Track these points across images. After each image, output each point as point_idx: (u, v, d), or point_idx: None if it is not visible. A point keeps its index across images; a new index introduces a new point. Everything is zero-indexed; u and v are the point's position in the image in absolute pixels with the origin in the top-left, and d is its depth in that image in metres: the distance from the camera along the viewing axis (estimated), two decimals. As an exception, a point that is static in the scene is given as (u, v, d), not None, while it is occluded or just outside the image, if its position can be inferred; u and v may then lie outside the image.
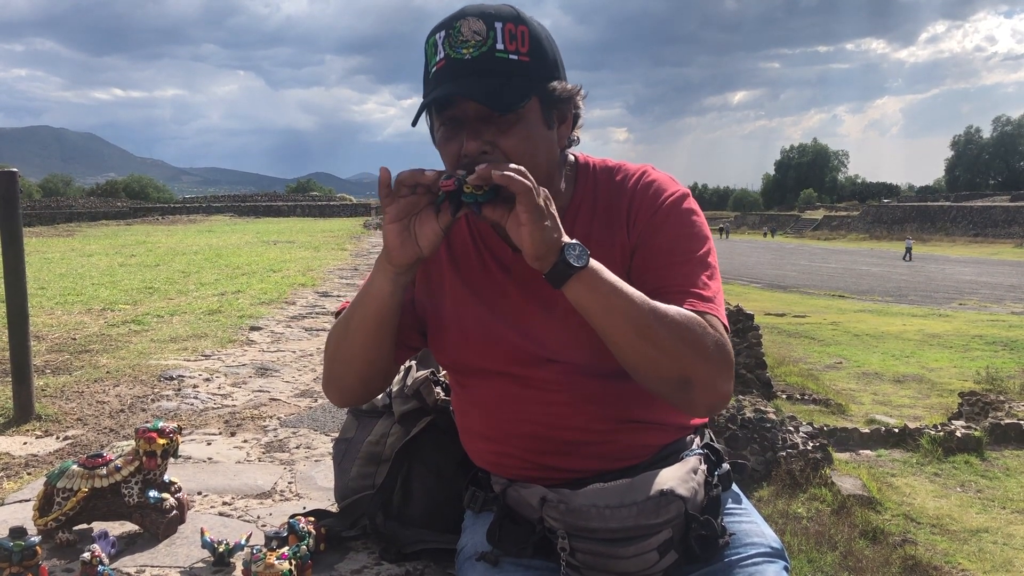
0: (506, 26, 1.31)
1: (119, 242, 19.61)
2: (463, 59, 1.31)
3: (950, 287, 32.41)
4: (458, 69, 1.31)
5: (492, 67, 1.31)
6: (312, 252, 16.21)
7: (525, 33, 1.33)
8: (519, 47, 1.32)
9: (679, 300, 1.34)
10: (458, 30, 1.31)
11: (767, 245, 68.31)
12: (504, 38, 1.31)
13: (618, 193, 1.48)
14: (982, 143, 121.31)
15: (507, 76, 1.32)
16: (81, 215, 41.51)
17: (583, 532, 1.37)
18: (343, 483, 2.06)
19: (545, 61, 1.36)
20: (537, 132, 1.37)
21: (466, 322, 1.51)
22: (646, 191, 1.46)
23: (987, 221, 66.32)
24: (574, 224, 1.45)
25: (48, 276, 10.53)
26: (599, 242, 1.43)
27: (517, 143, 1.34)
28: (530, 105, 1.34)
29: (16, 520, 2.11)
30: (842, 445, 11.92)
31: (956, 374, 16.50)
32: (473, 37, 1.31)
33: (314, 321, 6.75)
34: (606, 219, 1.46)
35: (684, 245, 1.42)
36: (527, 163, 1.26)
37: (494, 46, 1.31)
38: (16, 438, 3.31)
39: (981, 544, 8.95)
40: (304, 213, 48.61)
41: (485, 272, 1.51)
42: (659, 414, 1.50)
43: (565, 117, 1.42)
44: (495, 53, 1.31)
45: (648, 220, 1.44)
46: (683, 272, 1.40)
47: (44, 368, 4.68)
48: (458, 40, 1.31)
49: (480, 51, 1.31)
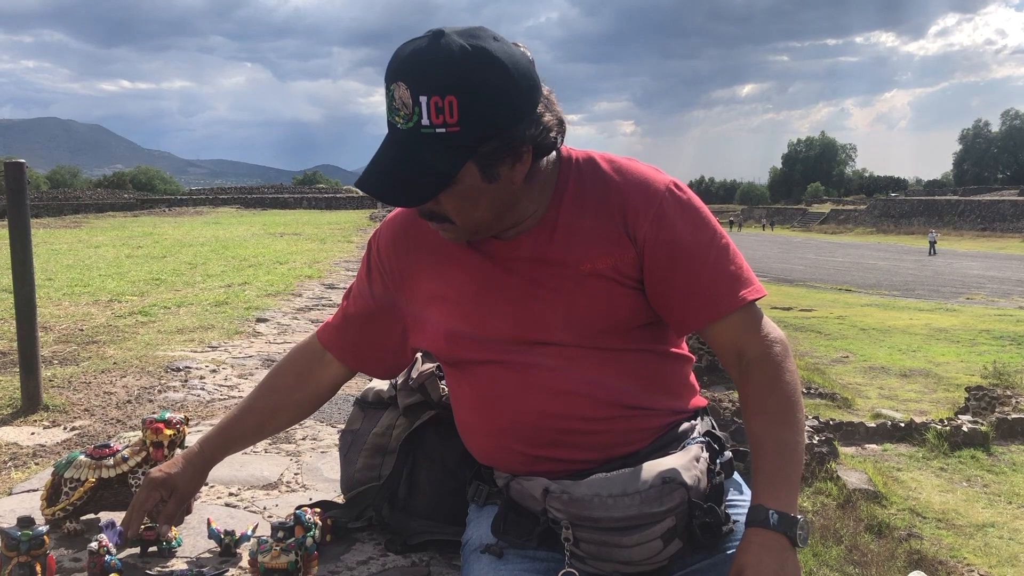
0: (431, 99, 1.25)
1: (126, 233, 19.65)
2: (397, 127, 1.31)
3: (957, 281, 32.32)
4: (394, 137, 1.33)
5: (418, 142, 1.29)
6: (318, 244, 16.22)
7: (453, 103, 1.26)
8: (446, 119, 1.26)
9: (711, 302, 1.45)
10: (392, 94, 1.29)
11: (773, 239, 68.17)
12: (430, 112, 1.26)
13: (604, 185, 1.48)
14: (991, 137, 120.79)
15: (432, 153, 1.29)
16: (88, 206, 41.61)
17: (587, 522, 1.38)
18: (349, 474, 2.06)
19: (480, 123, 1.29)
20: (476, 191, 1.36)
21: (456, 314, 1.52)
22: (638, 186, 1.47)
23: (995, 215, 66.05)
24: (558, 214, 1.46)
25: (55, 267, 10.56)
26: (591, 233, 1.45)
27: (453, 204, 1.37)
28: (467, 169, 1.32)
29: (24, 509, 2.12)
30: (848, 439, 11.90)
31: (963, 368, 16.46)
32: (403, 107, 1.28)
33: (320, 313, 6.76)
34: (597, 210, 1.46)
35: (696, 237, 1.45)
36: (466, 217, 1.38)
37: (419, 121, 1.27)
38: (24, 428, 3.32)
39: (987, 539, 8.93)
40: (310, 205, 48.62)
41: (468, 262, 1.52)
42: (653, 400, 1.50)
43: (520, 156, 1.36)
44: (421, 129, 1.28)
45: (652, 219, 1.44)
46: (707, 270, 1.44)
47: (51, 359, 4.70)
48: (392, 105, 1.30)
49: (407, 125, 1.29)
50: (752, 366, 1.45)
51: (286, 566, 1.67)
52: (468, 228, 1.42)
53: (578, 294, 1.45)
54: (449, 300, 1.52)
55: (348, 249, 15.07)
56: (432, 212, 1.39)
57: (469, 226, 1.41)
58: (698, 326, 1.47)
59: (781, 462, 1.37)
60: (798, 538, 1.29)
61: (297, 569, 1.69)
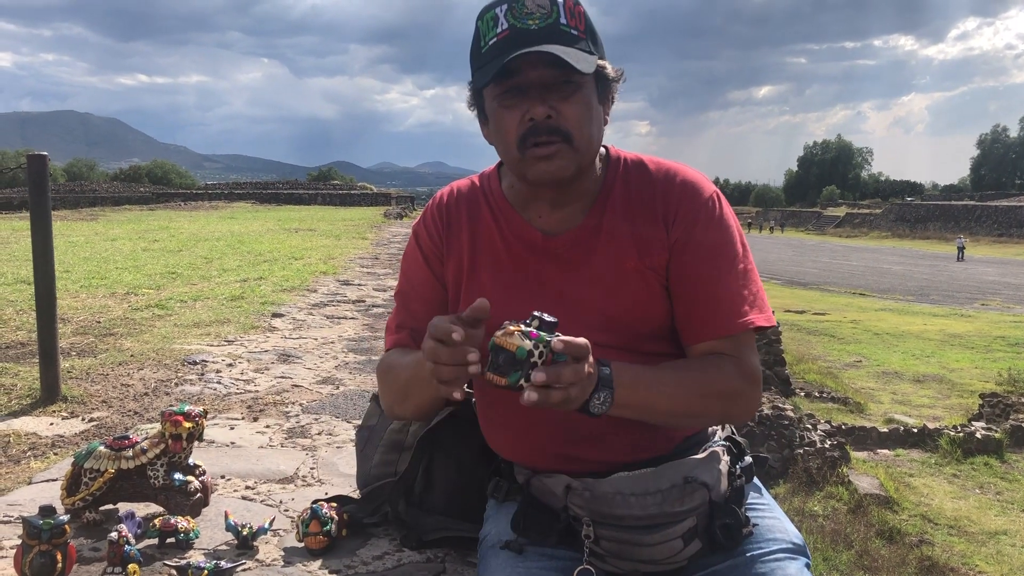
0: (567, 2, 1.38)
1: (142, 227, 19.77)
2: (529, 29, 1.35)
3: (972, 287, 32.08)
4: (525, 37, 1.35)
5: (558, 38, 1.35)
6: (333, 240, 16.27)
7: (582, 13, 1.39)
8: (578, 24, 1.38)
9: (716, 314, 1.44)
10: (522, 3, 1.36)
11: (788, 241, 67.86)
12: (566, 13, 1.37)
13: (651, 188, 1.49)
14: (1009, 142, 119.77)
15: (570, 42, 1.37)
16: (104, 199, 41.81)
17: (608, 519, 1.39)
18: (365, 470, 2.07)
19: (596, 40, 1.42)
20: (593, 103, 1.42)
21: (493, 308, 1.51)
22: (684, 190, 1.48)
23: (1012, 221, 65.51)
24: (603, 213, 1.48)
25: (73, 259, 10.63)
26: (635, 235, 1.46)
27: (578, 110, 1.39)
28: (588, 78, 1.39)
29: (44, 499, 2.15)
30: (860, 444, 11.84)
31: (977, 375, 16.34)
32: (538, 10, 1.36)
33: (335, 309, 6.78)
34: (641, 214, 1.48)
35: (725, 252, 1.47)
36: (583, 130, 1.38)
37: (558, 19, 1.36)
38: (43, 419, 3.35)
39: (999, 546, 8.87)
40: (325, 201, 48.73)
41: (511, 257, 1.52)
42: None
43: (609, 96, 1.47)
44: (560, 25, 1.36)
45: (690, 223, 1.46)
46: (725, 284, 1.45)
47: (70, 350, 4.74)
48: (522, 12, 1.36)
49: (546, 22, 1.36)
50: (719, 358, 1.44)
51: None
52: (583, 148, 1.41)
53: (618, 294, 1.45)
54: (485, 289, 1.49)
55: (362, 246, 15.11)
56: (553, 127, 1.38)
57: (584, 144, 1.41)
58: (697, 340, 1.46)
59: (661, 371, 1.37)
60: (594, 399, 1.25)
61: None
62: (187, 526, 1.97)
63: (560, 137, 1.38)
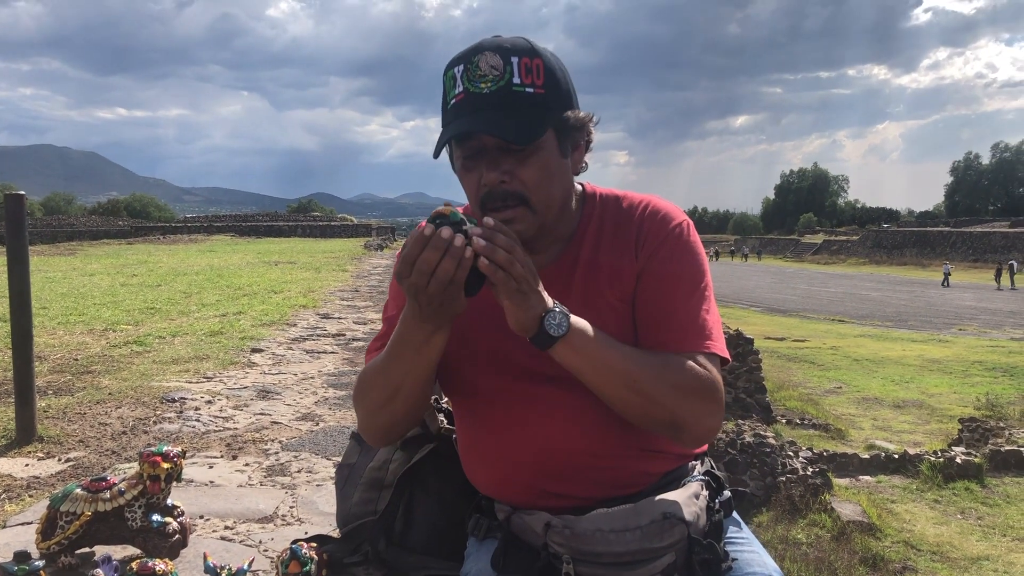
0: (522, 60, 1.37)
1: (120, 261, 19.63)
2: (481, 93, 1.36)
3: (950, 312, 32.39)
4: (477, 103, 1.36)
5: (509, 101, 1.36)
6: (313, 273, 16.23)
7: (540, 66, 1.38)
8: (535, 80, 1.37)
9: (679, 337, 1.42)
10: (476, 65, 1.36)
11: (767, 268, 68.33)
12: (520, 72, 1.36)
13: (626, 220, 1.52)
14: (981, 169, 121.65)
15: (524, 109, 1.36)
16: (83, 233, 41.57)
17: (588, 557, 1.39)
18: (345, 508, 2.06)
19: (559, 92, 1.41)
20: (553, 162, 1.42)
21: (474, 342, 1.53)
22: (654, 218, 1.51)
23: (986, 247, 66.40)
24: (580, 249, 1.51)
25: (50, 295, 10.53)
26: (608, 268, 1.49)
27: (534, 173, 1.39)
28: (546, 136, 1.39)
29: (19, 543, 2.12)
30: (842, 470, 11.85)
31: (956, 400, 16.45)
32: (491, 72, 1.35)
33: (315, 343, 6.76)
34: (614, 245, 1.50)
35: (688, 276, 1.48)
36: (541, 192, 1.38)
37: (511, 80, 1.36)
38: (18, 460, 3.31)
39: (981, 572, 8.88)
40: (305, 233, 48.66)
41: (489, 289, 1.53)
42: (663, 442, 1.51)
43: (578, 144, 1.47)
44: (512, 87, 1.36)
45: (656, 247, 1.48)
46: (685, 308, 1.45)
47: (46, 389, 4.69)
48: (476, 74, 1.36)
49: (498, 85, 1.35)
50: (680, 355, 1.42)
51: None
52: (542, 209, 1.42)
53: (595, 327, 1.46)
54: (469, 316, 1.47)
55: (342, 278, 15.08)
56: (508, 192, 1.39)
57: (543, 206, 1.42)
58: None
59: (621, 342, 1.38)
60: (548, 318, 1.30)
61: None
62: (165, 569, 1.95)
63: (516, 201, 1.39)
